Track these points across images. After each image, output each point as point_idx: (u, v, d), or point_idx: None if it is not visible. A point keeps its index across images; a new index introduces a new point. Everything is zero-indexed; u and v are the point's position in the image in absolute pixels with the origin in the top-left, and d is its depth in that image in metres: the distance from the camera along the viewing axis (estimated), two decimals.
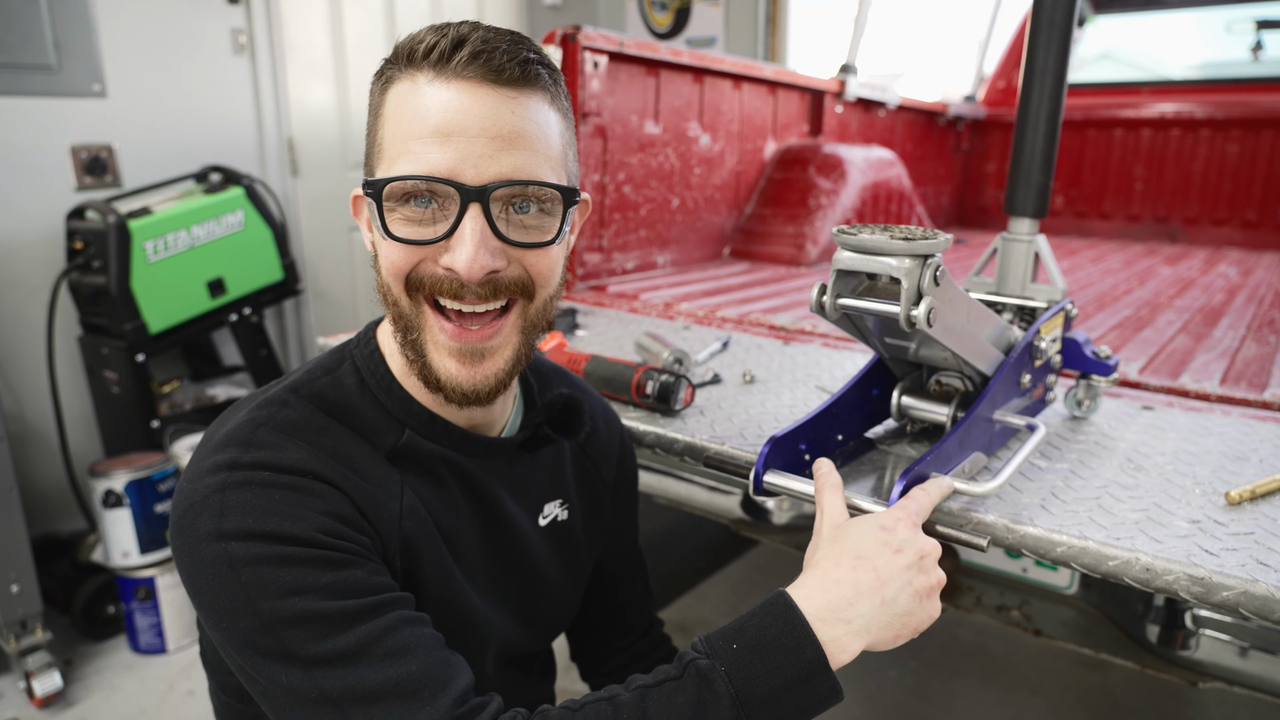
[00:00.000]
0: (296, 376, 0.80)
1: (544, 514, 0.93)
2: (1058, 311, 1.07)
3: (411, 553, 0.76)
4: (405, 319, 0.75)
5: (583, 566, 1.01)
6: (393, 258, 0.73)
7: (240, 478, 0.68)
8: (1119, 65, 5.18)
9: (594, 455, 1.01)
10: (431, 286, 0.73)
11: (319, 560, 0.66)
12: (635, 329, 1.61)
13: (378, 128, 0.74)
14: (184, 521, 0.69)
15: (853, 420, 1.00)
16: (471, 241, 0.70)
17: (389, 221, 0.71)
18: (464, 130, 0.69)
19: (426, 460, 0.80)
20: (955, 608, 1.32)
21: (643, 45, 2.08)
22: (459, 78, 0.69)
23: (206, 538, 0.66)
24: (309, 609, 0.64)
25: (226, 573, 0.65)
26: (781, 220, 2.61)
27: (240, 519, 0.66)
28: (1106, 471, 0.96)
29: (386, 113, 0.73)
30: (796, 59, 4.08)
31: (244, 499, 0.67)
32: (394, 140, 0.71)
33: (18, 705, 2.16)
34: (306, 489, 0.68)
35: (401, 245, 0.72)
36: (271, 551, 0.65)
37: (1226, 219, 3.60)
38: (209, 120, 3.04)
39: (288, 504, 0.67)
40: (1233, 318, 1.90)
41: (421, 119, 0.70)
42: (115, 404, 2.69)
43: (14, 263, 2.60)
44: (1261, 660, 1.07)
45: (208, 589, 0.67)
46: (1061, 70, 1.12)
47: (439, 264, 0.72)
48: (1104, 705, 2.19)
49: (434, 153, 0.69)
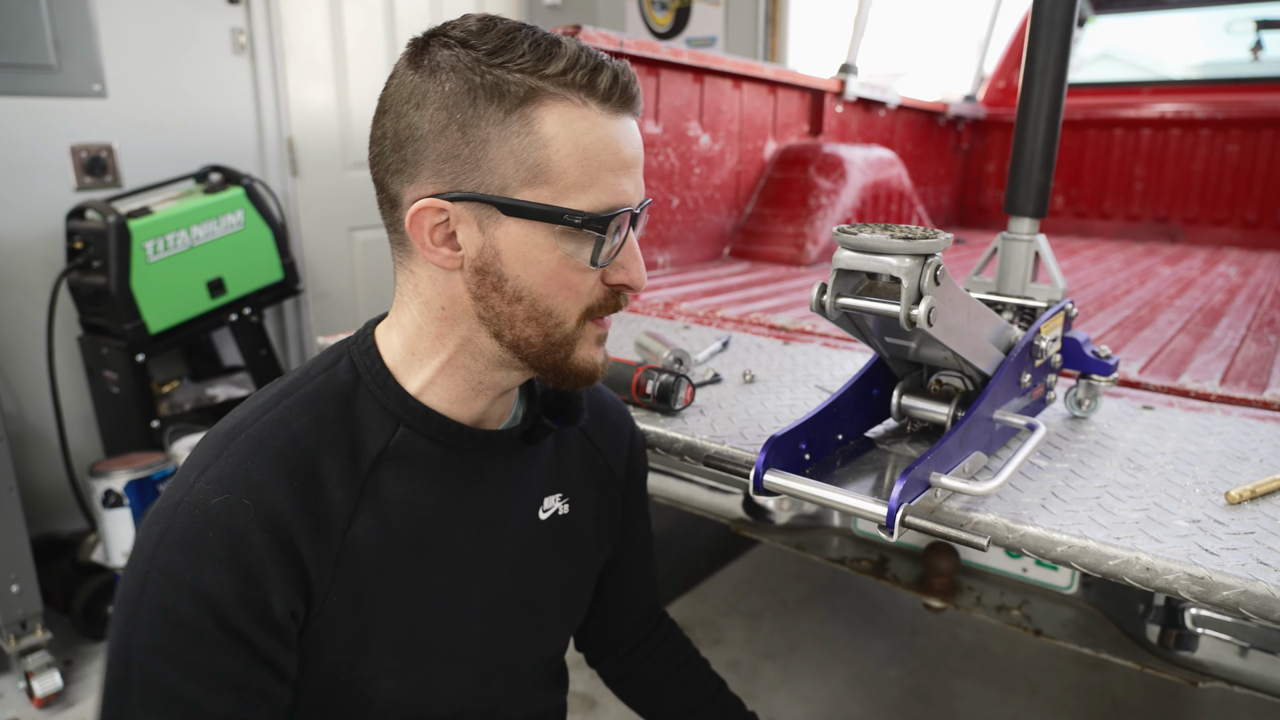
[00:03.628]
0: (293, 377, 0.80)
1: (544, 508, 0.92)
2: (1058, 311, 1.07)
3: (353, 585, 0.76)
4: (558, 337, 0.78)
5: (590, 562, 1.00)
6: (577, 282, 0.76)
7: (196, 494, 0.71)
8: (1119, 65, 5.18)
9: (604, 448, 1.00)
10: (604, 307, 0.79)
11: (204, 635, 0.68)
12: (635, 329, 1.61)
13: (532, 149, 0.71)
14: (147, 520, 0.73)
15: (853, 420, 1.00)
16: (640, 255, 0.79)
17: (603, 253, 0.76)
18: (637, 161, 0.77)
19: (419, 461, 0.79)
20: (955, 608, 1.32)
21: (643, 45, 2.08)
22: (623, 110, 0.76)
23: (143, 549, 0.70)
24: (162, 680, 0.68)
25: (136, 593, 0.69)
26: (781, 220, 2.61)
27: (173, 550, 0.69)
28: (1106, 471, 0.96)
29: (553, 136, 0.71)
30: (796, 59, 4.08)
31: (185, 526, 0.70)
32: (580, 169, 0.72)
33: (18, 705, 2.16)
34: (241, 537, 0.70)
35: (594, 271, 0.76)
36: (173, 602, 0.68)
37: (1226, 219, 3.60)
38: (209, 120, 3.04)
39: (217, 549, 0.69)
40: (1233, 318, 1.90)
41: (610, 151, 0.74)
42: (115, 404, 2.69)
43: (14, 263, 2.60)
44: (1261, 660, 1.07)
45: (122, 593, 0.71)
46: (1061, 70, 1.12)
47: (601, 283, 0.78)
48: (1104, 705, 2.19)
49: (626, 184, 0.75)
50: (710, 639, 2.48)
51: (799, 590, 2.75)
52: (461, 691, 0.86)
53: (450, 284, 0.76)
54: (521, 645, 0.91)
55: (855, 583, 2.76)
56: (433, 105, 0.71)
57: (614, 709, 2.11)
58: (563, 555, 0.95)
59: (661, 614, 1.18)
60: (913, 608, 2.63)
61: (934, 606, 1.32)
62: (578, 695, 2.14)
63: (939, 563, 1.30)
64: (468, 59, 0.70)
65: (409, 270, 0.79)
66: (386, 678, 0.79)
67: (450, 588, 0.82)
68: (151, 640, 0.68)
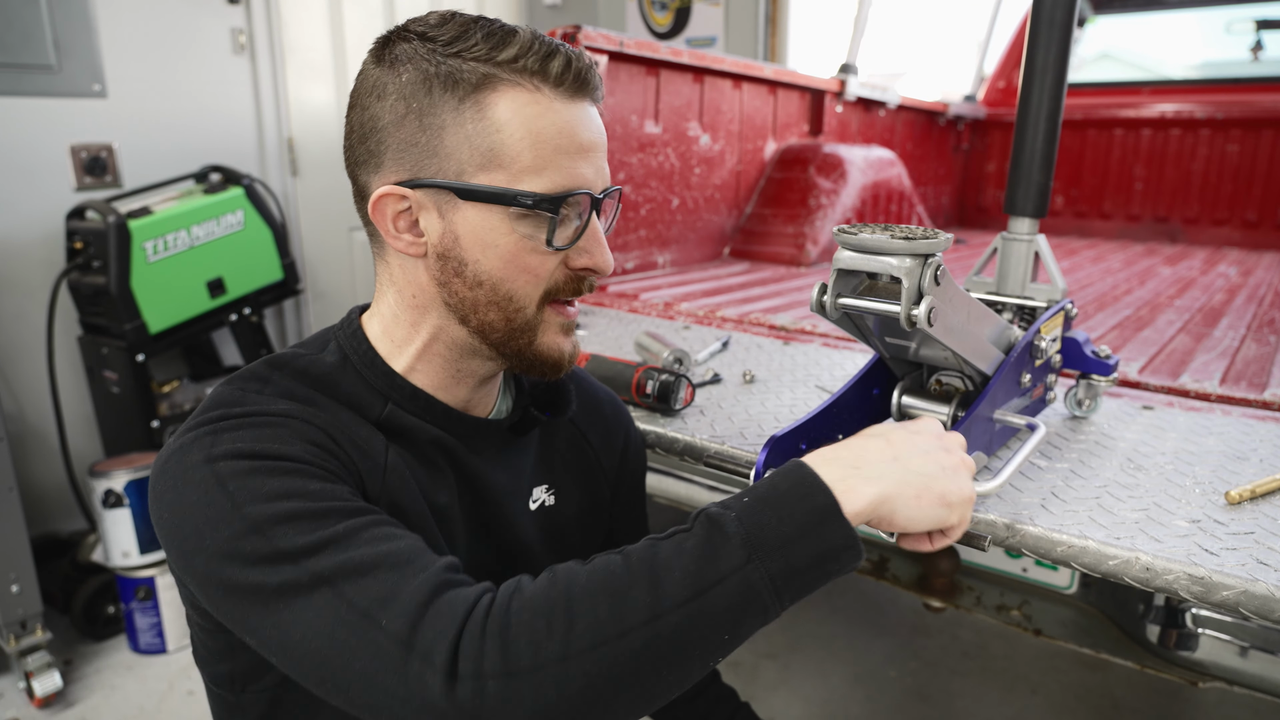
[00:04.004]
0: (279, 355, 0.81)
1: (533, 499, 0.93)
2: (1058, 311, 1.07)
3: (396, 511, 0.75)
4: (520, 322, 0.78)
5: (576, 554, 1.00)
6: (535, 265, 0.77)
7: (231, 423, 0.69)
8: (1119, 65, 5.18)
9: (596, 441, 1.01)
10: (567, 290, 0.80)
11: (307, 472, 0.67)
12: (635, 329, 1.61)
13: (486, 134, 0.72)
14: (171, 459, 0.69)
15: (853, 420, 1.00)
16: (604, 240, 0.79)
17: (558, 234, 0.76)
18: (595, 145, 0.77)
19: (411, 434, 0.80)
20: (955, 608, 1.32)
21: (643, 45, 2.09)
22: (578, 94, 0.76)
23: (195, 464, 0.66)
24: (297, 508, 0.64)
25: (214, 488, 0.65)
26: (781, 220, 2.61)
27: (230, 444, 0.67)
28: (1106, 471, 0.96)
29: (505, 121, 0.72)
30: (796, 59, 4.08)
31: (234, 434, 0.68)
32: (533, 152, 0.73)
33: (18, 705, 2.16)
34: (298, 427, 0.70)
35: (539, 251, 0.76)
36: (260, 465, 0.66)
37: (1226, 219, 3.60)
38: (209, 120, 3.04)
39: (279, 434, 0.69)
40: (1233, 318, 1.90)
41: (565, 135, 0.74)
42: (115, 404, 2.69)
43: (14, 263, 2.60)
44: (1261, 660, 1.07)
45: (190, 508, 0.65)
46: (1061, 70, 1.12)
47: (565, 267, 0.78)
48: (1104, 705, 2.19)
49: (583, 167, 0.76)
50: None
51: None
52: None
53: (418, 271, 0.78)
54: None
55: (855, 583, 2.76)
56: (391, 96, 0.74)
57: None
58: (551, 546, 0.95)
59: None
60: (913, 608, 2.62)
61: (934, 606, 1.32)
62: None
63: (939, 563, 1.30)
64: (424, 50, 0.73)
65: (384, 260, 0.81)
66: None
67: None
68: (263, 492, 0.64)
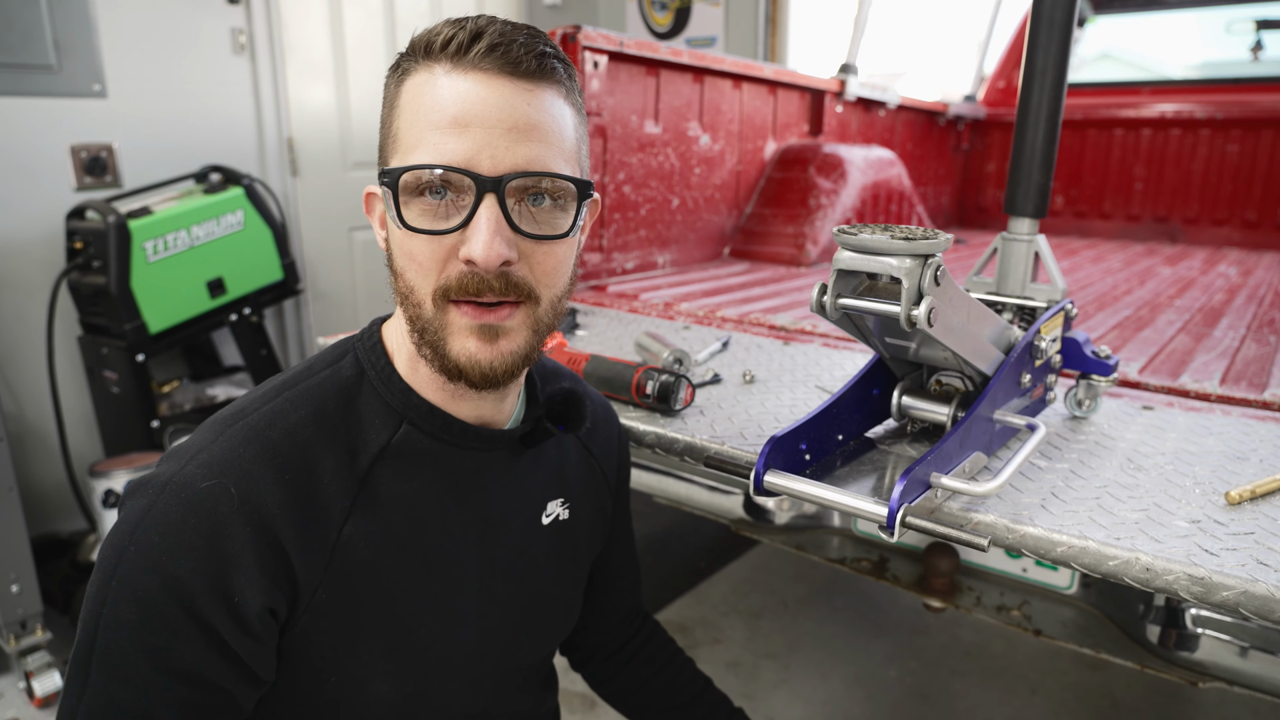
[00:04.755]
0: (297, 370, 0.80)
1: (547, 513, 0.92)
2: (1058, 311, 1.07)
3: (347, 580, 0.75)
4: (423, 319, 0.74)
5: (581, 567, 1.00)
6: (415, 252, 0.72)
7: (186, 475, 0.70)
8: (1119, 65, 5.18)
9: (598, 453, 1.01)
10: (457, 288, 0.72)
11: (170, 620, 0.68)
12: (635, 329, 1.61)
13: (393, 119, 0.74)
14: (135, 486, 0.73)
15: (853, 420, 1.00)
16: (487, 230, 0.69)
17: (405, 212, 0.71)
18: (481, 120, 0.69)
19: (420, 460, 0.79)
20: (955, 608, 1.32)
21: (643, 45, 2.08)
22: (476, 69, 0.70)
23: (127, 523, 0.70)
24: (124, 652, 0.69)
25: (112, 562, 0.70)
26: (781, 220, 2.61)
27: (154, 530, 0.69)
28: (1106, 471, 0.96)
29: (402, 104, 0.73)
30: (796, 59, 4.08)
31: (168, 508, 0.69)
32: (410, 131, 0.71)
33: (18, 705, 2.16)
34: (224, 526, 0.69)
35: (419, 237, 0.71)
36: (146, 584, 0.68)
37: (1226, 219, 3.60)
38: (209, 120, 3.04)
39: (198, 538, 0.69)
40: (1233, 318, 1.90)
41: (438, 109, 0.70)
42: (115, 404, 2.69)
43: (14, 263, 2.60)
44: (1261, 660, 1.07)
45: (99, 564, 0.72)
46: (1061, 70, 1.12)
47: (459, 260, 0.71)
48: (1104, 705, 2.19)
49: (451, 143, 0.69)
50: (710, 639, 2.48)
51: (799, 590, 2.75)
52: (453, 695, 0.85)
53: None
54: (515, 649, 0.91)
55: (855, 583, 2.76)
56: (383, 104, 0.77)
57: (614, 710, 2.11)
58: (562, 560, 0.95)
59: (645, 614, 1.18)
60: (913, 608, 2.62)
61: (934, 606, 1.32)
62: (577, 695, 2.14)
63: (939, 563, 1.30)
64: (399, 56, 0.76)
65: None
66: (379, 680, 0.79)
67: (446, 590, 0.82)
68: (118, 613, 0.69)
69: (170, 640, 0.68)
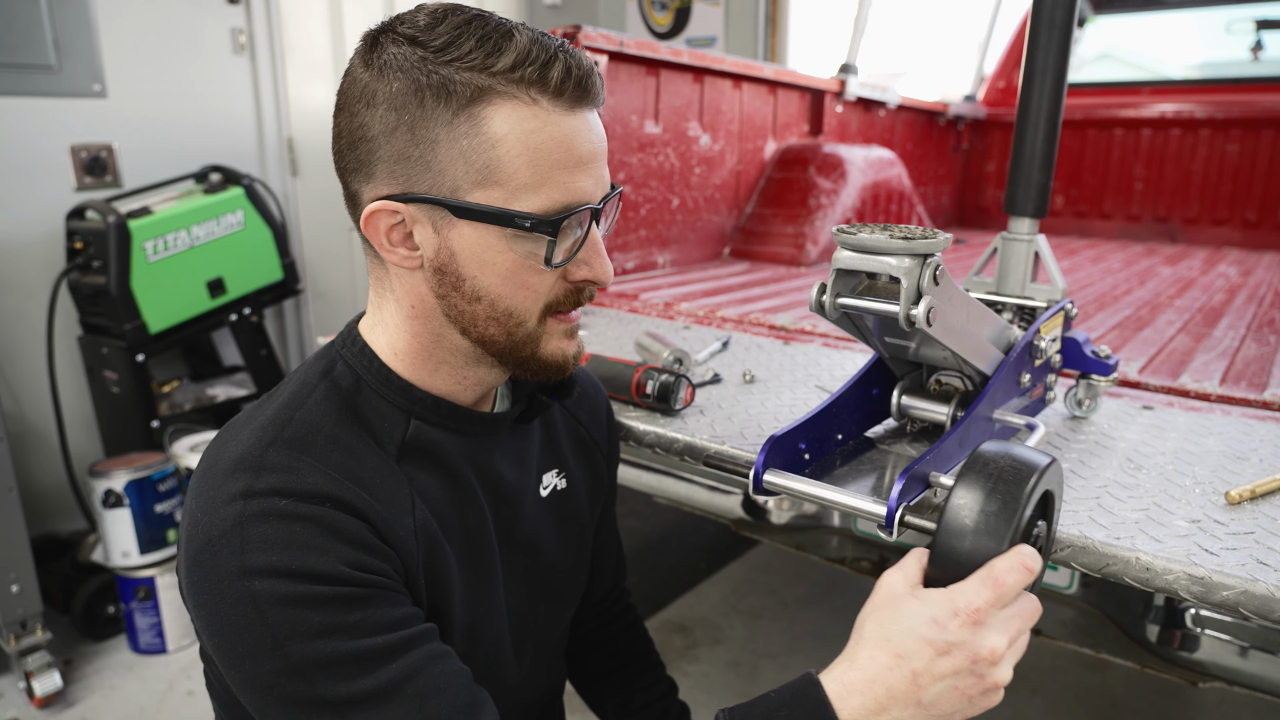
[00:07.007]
0: (292, 389, 0.78)
1: (544, 485, 0.94)
2: (1058, 311, 1.07)
3: (431, 566, 0.76)
4: (522, 334, 0.77)
5: (585, 532, 1.01)
6: (532, 282, 0.75)
7: (257, 507, 0.66)
8: (1119, 65, 5.18)
9: (585, 419, 1.02)
10: (567, 303, 0.78)
11: (346, 598, 0.65)
12: (635, 329, 1.61)
13: (481, 149, 0.69)
14: (200, 557, 0.66)
15: (852, 420, 1.00)
16: (604, 250, 0.77)
17: (555, 252, 0.73)
18: (594, 156, 0.74)
19: (436, 450, 0.80)
20: None
21: (643, 45, 2.08)
22: (579, 105, 0.73)
23: (228, 575, 0.64)
24: (338, 650, 0.64)
25: (250, 613, 0.64)
26: (781, 220, 2.61)
27: (263, 555, 0.64)
28: (1106, 471, 0.96)
29: (506, 138, 0.69)
30: (796, 59, 4.08)
31: (264, 532, 0.65)
32: (529, 169, 0.70)
33: (18, 705, 2.16)
34: (327, 520, 0.67)
35: (551, 271, 0.75)
36: (298, 591, 0.64)
37: (1226, 219, 3.60)
38: (209, 120, 3.04)
39: (310, 535, 0.66)
40: (1233, 318, 1.89)
41: (562, 149, 0.71)
42: (115, 404, 2.69)
43: (14, 263, 2.60)
44: (1261, 660, 1.07)
45: (229, 629, 0.65)
46: (1061, 70, 1.12)
47: (563, 279, 0.77)
48: (1104, 705, 2.19)
49: (581, 181, 0.73)
50: (710, 639, 2.47)
51: (799, 590, 2.75)
52: (496, 671, 0.87)
53: (415, 282, 0.77)
54: (544, 621, 0.93)
55: (855, 583, 2.76)
56: (382, 106, 0.71)
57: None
58: (567, 528, 0.96)
59: (629, 604, 1.19)
60: None
61: None
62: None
63: None
64: (415, 58, 0.70)
65: (381, 269, 0.79)
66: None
67: (486, 571, 0.84)
68: (303, 629, 0.64)
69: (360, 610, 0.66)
